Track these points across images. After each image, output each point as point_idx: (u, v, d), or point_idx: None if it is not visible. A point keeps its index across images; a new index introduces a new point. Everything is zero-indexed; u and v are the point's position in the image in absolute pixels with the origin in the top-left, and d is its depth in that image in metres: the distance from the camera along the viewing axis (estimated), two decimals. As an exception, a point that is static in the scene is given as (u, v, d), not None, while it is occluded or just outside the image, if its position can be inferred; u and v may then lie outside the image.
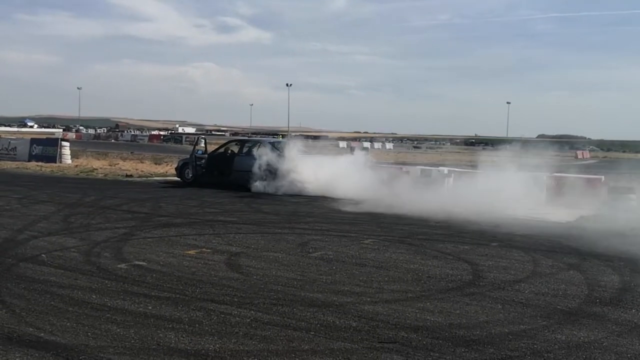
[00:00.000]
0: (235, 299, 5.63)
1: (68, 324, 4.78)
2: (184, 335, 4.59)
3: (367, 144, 76.86)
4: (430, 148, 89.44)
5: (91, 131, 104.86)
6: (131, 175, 20.65)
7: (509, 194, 12.73)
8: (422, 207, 12.25)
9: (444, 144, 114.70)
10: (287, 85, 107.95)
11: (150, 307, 5.28)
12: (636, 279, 7.04)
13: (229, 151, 18.14)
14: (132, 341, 4.45)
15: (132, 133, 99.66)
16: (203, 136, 22.74)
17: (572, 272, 7.34)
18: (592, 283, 6.74)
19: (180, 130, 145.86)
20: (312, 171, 15.84)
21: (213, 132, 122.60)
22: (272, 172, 16.06)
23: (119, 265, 6.87)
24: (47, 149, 26.55)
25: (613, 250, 8.58)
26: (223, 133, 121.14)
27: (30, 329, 4.62)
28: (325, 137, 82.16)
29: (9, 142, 28.84)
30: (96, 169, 22.79)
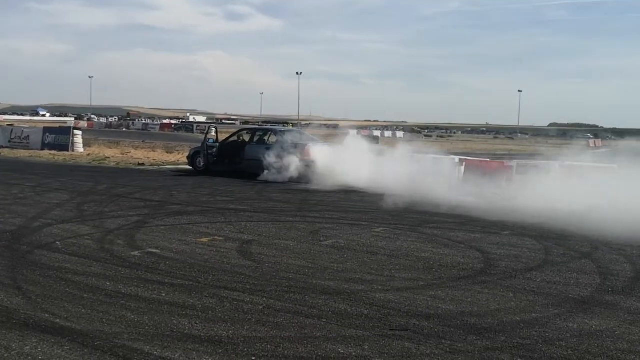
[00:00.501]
0: (248, 287, 5.67)
1: (83, 310, 4.84)
2: (197, 322, 4.64)
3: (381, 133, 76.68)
4: (441, 136, 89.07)
5: (103, 120, 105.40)
6: (143, 164, 20.77)
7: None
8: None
9: (454, 132, 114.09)
10: (297, 73, 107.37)
11: (163, 294, 5.34)
12: (649, 268, 7.00)
13: (240, 140, 18.18)
14: (146, 327, 4.50)
15: (144, 122, 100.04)
16: (214, 125, 22.73)
17: (584, 260, 7.32)
18: (605, 272, 6.71)
19: (191, 119, 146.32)
20: (330, 161, 15.80)
21: (224, 121, 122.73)
22: (286, 162, 16.05)
23: (132, 253, 6.93)
24: (59, 137, 26.74)
25: (626, 239, 8.52)
26: (234, 122, 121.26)
27: (46, 315, 4.69)
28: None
29: (22, 131, 29.10)
30: (108, 158, 22.94)
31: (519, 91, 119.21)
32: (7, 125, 34.61)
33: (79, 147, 26.24)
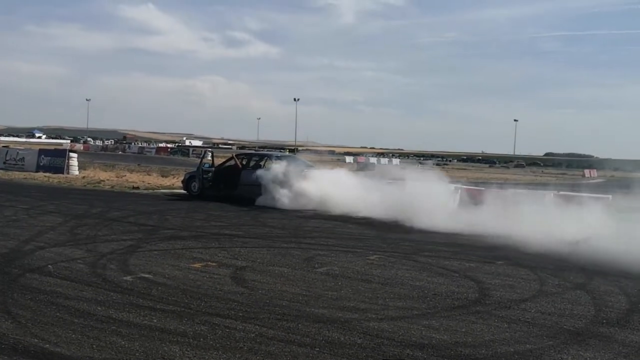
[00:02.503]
0: (240, 314, 5.62)
1: (73, 335, 4.79)
2: (188, 349, 4.58)
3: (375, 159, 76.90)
4: (437, 164, 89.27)
5: (99, 142, 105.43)
6: (138, 188, 20.73)
7: None
8: None
9: (450, 161, 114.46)
10: (294, 100, 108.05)
11: (155, 320, 5.28)
12: (644, 299, 6.98)
13: (236, 164, 18.18)
14: (137, 354, 4.45)
15: (140, 145, 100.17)
16: (210, 149, 22.79)
17: (578, 291, 7.30)
18: (599, 303, 6.69)
19: (187, 143, 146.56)
20: (326, 187, 15.81)
21: (220, 146, 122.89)
22: (282, 188, 16.03)
23: (124, 278, 6.88)
24: (54, 160, 26.72)
25: (620, 270, 8.51)
26: (230, 146, 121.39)
27: (36, 340, 4.63)
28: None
29: (17, 153, 29.06)
30: (103, 181, 22.88)
31: (515, 120, 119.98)
32: (2, 146, 34.53)
33: (74, 169, 26.19)
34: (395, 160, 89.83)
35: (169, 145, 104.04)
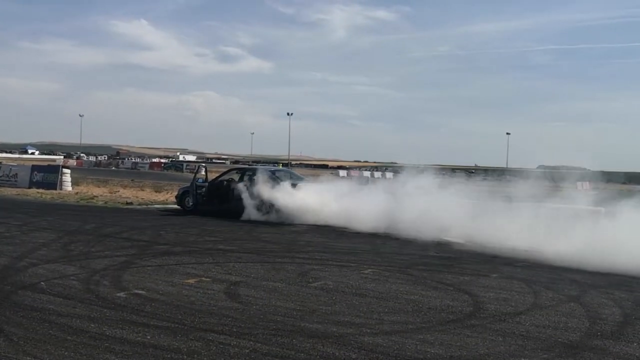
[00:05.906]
0: (234, 329, 5.60)
1: (66, 353, 4.75)
2: (182, 366, 4.56)
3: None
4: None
5: (92, 158, 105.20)
6: (131, 203, 20.67)
7: None
8: None
9: (443, 174, 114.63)
10: (288, 114, 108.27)
11: (148, 337, 5.25)
12: (638, 312, 7.00)
13: (230, 179, 18.18)
14: (130, 371, 4.42)
15: (133, 160, 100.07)
16: (204, 164, 22.83)
17: (572, 304, 7.31)
18: (593, 316, 6.70)
19: (181, 158, 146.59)
20: (321, 201, 15.80)
21: (214, 160, 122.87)
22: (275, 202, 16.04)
23: (118, 294, 6.84)
24: (47, 175, 26.61)
25: (613, 283, 8.54)
26: (224, 161, 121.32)
27: (28, 358, 4.60)
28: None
29: (10, 169, 28.91)
30: (96, 197, 22.80)
31: (507, 133, 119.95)
32: (-5, 162, 34.39)
33: (67, 185, 26.08)
34: (389, 174, 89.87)
35: (162, 161, 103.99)
